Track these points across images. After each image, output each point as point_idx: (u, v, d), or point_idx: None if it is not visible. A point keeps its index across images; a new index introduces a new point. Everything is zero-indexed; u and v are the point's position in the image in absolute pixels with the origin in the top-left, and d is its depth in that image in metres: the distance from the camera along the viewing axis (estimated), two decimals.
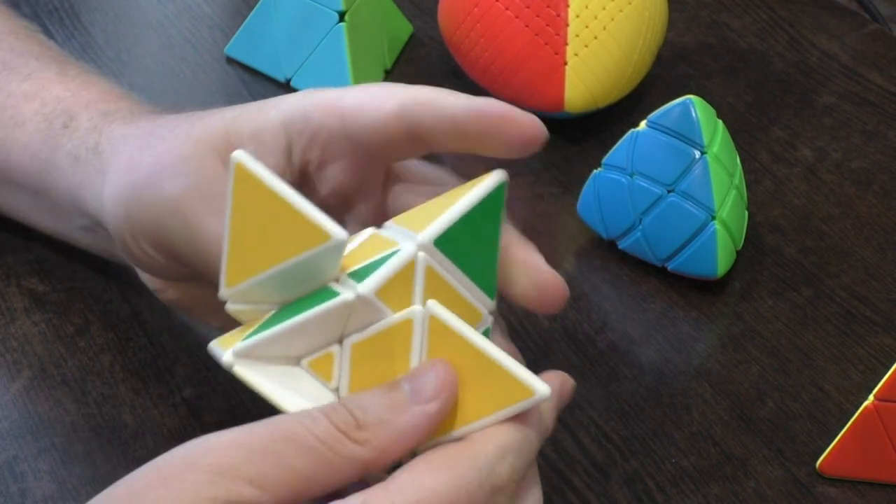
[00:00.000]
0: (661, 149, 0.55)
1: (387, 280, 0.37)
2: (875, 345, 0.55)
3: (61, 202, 0.50)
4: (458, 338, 0.37)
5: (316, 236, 0.35)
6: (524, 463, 0.37)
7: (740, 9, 0.74)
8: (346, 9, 0.63)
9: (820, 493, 0.49)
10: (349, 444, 0.35)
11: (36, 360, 0.52)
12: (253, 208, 0.36)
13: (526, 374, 0.36)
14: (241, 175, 0.37)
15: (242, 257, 0.37)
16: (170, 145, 0.44)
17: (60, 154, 0.49)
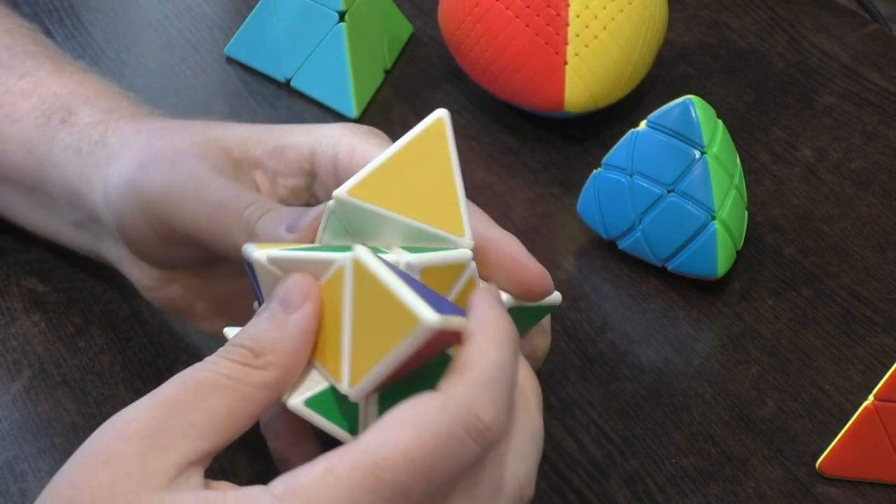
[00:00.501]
0: (661, 149, 0.55)
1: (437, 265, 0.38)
2: (875, 345, 0.55)
3: (56, 196, 0.50)
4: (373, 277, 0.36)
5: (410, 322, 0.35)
6: (505, 395, 0.36)
7: (740, 9, 0.74)
8: (346, 9, 0.63)
9: (820, 493, 0.49)
10: (254, 371, 0.36)
11: (36, 360, 0.52)
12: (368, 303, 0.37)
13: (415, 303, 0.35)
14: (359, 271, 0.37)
15: (363, 352, 0.37)
16: (183, 137, 0.45)
17: (58, 148, 0.49)
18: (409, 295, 0.35)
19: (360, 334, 0.37)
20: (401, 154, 0.39)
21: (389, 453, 0.34)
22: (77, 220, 0.50)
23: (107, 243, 0.50)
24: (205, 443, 0.35)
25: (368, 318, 0.36)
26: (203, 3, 0.72)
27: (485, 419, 0.35)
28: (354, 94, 0.64)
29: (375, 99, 0.67)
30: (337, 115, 0.65)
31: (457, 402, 0.35)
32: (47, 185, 0.50)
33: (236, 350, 0.37)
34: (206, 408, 0.35)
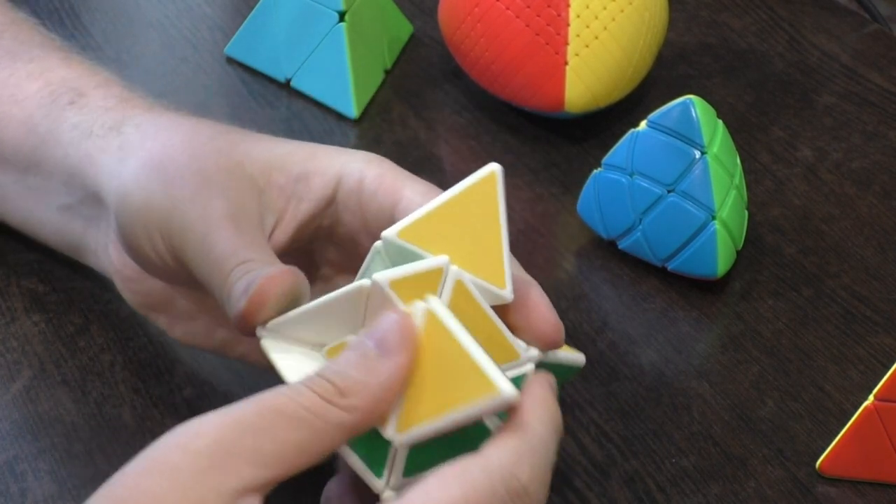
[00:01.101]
0: (662, 149, 0.55)
1: (405, 276, 0.38)
2: (875, 345, 0.55)
3: (51, 176, 0.49)
4: (446, 333, 0.37)
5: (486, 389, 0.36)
6: (544, 464, 0.37)
7: (740, 9, 0.74)
8: (346, 9, 0.63)
9: (820, 493, 0.49)
10: (336, 410, 0.36)
11: (36, 360, 0.52)
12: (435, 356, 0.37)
13: (496, 374, 0.36)
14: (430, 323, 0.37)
15: (419, 402, 0.37)
16: (209, 153, 0.44)
17: (65, 126, 0.49)
18: (487, 362, 0.36)
19: (421, 385, 0.37)
20: (451, 202, 0.40)
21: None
22: (67, 204, 0.49)
23: (96, 227, 0.49)
24: (268, 472, 0.34)
25: (434, 372, 0.37)
26: (203, 3, 0.72)
27: (524, 482, 0.36)
28: (354, 94, 0.64)
29: (375, 99, 0.67)
30: (337, 115, 0.65)
31: (500, 462, 0.36)
32: (45, 164, 0.49)
33: (322, 383, 0.36)
34: (277, 437, 0.35)
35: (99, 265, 0.50)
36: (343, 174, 0.45)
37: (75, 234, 0.50)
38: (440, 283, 0.39)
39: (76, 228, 0.50)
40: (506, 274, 0.40)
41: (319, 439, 0.35)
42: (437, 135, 0.65)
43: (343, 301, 0.39)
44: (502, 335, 0.40)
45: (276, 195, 0.45)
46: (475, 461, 0.36)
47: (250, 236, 0.42)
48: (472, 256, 0.40)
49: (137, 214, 0.44)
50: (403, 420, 0.37)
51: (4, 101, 0.51)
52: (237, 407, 0.35)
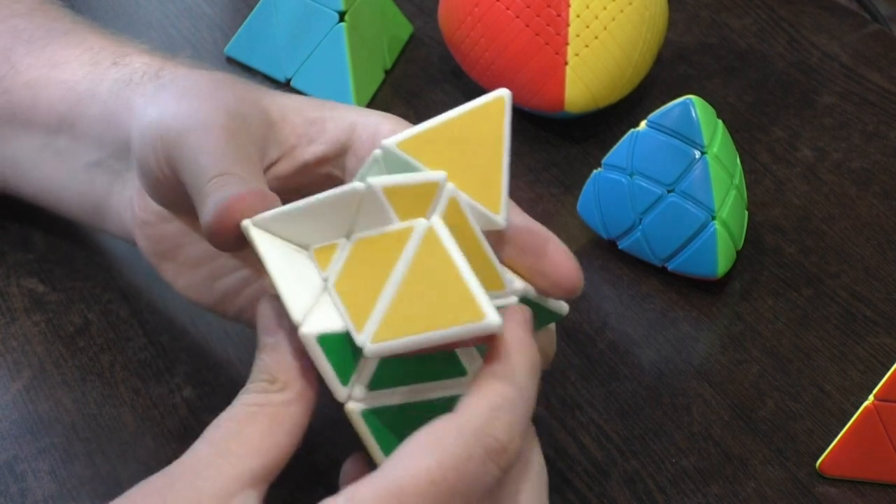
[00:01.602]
0: (661, 149, 0.55)
1: (399, 185, 0.38)
2: (875, 345, 0.55)
3: (85, 131, 0.50)
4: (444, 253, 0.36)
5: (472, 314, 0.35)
6: (521, 417, 0.37)
7: (740, 9, 0.74)
8: (346, 9, 0.63)
9: (820, 493, 0.49)
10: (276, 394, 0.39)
11: (36, 360, 0.52)
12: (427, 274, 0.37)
13: (485, 301, 0.35)
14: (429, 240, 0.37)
15: (400, 316, 0.37)
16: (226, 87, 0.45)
17: (105, 84, 0.49)
18: (478, 287, 0.35)
19: (406, 300, 0.37)
20: (456, 121, 0.40)
21: (412, 479, 0.35)
22: (97, 159, 0.50)
23: (122, 182, 0.49)
24: (251, 464, 0.37)
25: (423, 289, 0.36)
26: (203, 3, 0.72)
27: (501, 440, 0.36)
28: (354, 94, 0.64)
29: (375, 99, 0.67)
30: None
31: (473, 424, 0.36)
32: (80, 122, 0.50)
33: (256, 384, 0.39)
34: (244, 436, 0.38)
35: (119, 223, 0.50)
36: (358, 125, 0.46)
37: (98, 193, 0.50)
38: (434, 198, 0.38)
39: (101, 186, 0.50)
40: (502, 200, 0.40)
41: (279, 421, 0.38)
42: None
43: (334, 202, 0.39)
44: (490, 262, 0.39)
45: (288, 132, 0.46)
46: (449, 423, 0.36)
47: (243, 153, 0.43)
48: (470, 177, 0.40)
49: (149, 127, 0.45)
50: (380, 331, 0.37)
51: (42, 66, 0.51)
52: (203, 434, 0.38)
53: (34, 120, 0.51)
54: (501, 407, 0.36)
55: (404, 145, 0.39)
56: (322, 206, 0.39)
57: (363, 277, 0.38)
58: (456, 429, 0.36)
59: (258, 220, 0.40)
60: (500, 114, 0.40)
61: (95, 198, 0.51)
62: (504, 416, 0.36)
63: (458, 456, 0.35)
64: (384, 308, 0.37)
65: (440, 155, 0.39)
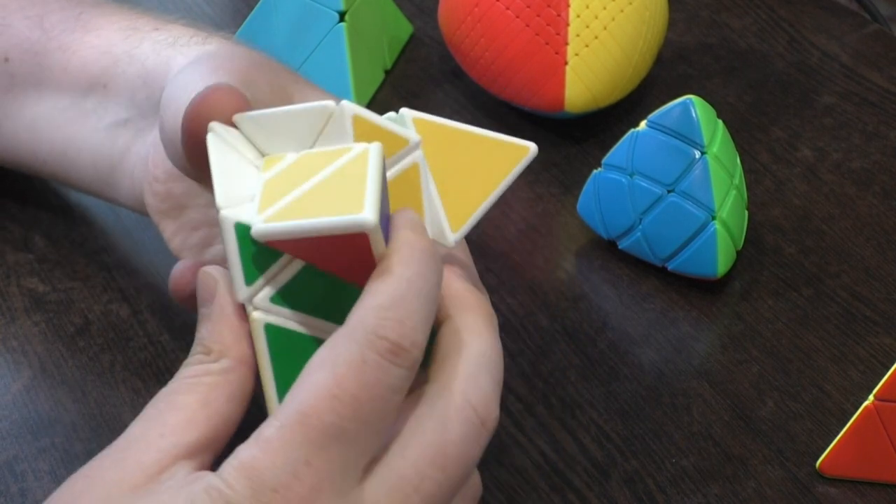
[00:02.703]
0: (661, 149, 0.55)
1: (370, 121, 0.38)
2: (875, 345, 0.55)
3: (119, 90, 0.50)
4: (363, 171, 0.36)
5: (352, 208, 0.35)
6: (413, 312, 0.35)
7: (740, 9, 0.74)
8: (346, 9, 0.63)
9: (820, 493, 0.49)
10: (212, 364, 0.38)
11: (36, 360, 0.52)
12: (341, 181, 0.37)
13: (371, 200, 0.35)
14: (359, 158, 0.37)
15: (297, 208, 0.37)
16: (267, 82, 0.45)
17: (145, 45, 0.50)
18: (374, 189, 0.35)
19: (311, 196, 0.37)
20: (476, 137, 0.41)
21: (310, 398, 0.34)
22: (123, 119, 0.50)
23: (143, 140, 0.49)
24: (186, 436, 0.36)
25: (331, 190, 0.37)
26: (203, 3, 0.72)
27: (393, 338, 0.34)
28: (354, 94, 0.64)
29: (375, 99, 0.67)
30: None
31: (363, 327, 0.35)
32: (114, 82, 0.50)
33: (193, 357, 0.39)
34: (178, 407, 0.37)
35: (130, 186, 0.50)
36: None
37: (116, 152, 0.51)
38: (398, 153, 0.39)
39: (121, 144, 0.50)
40: (465, 224, 0.40)
41: (215, 389, 0.37)
42: None
43: (303, 114, 0.39)
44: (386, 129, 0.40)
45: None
46: (338, 333, 0.35)
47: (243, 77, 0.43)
48: (452, 189, 0.40)
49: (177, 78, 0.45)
50: (273, 216, 0.37)
51: (77, 31, 0.51)
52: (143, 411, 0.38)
53: (64, 82, 0.51)
54: (388, 306, 0.35)
55: (419, 123, 0.40)
56: (291, 116, 0.39)
57: (289, 180, 0.38)
58: (345, 337, 0.35)
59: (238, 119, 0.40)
60: (516, 158, 0.40)
61: (112, 158, 0.51)
62: (393, 313, 0.35)
63: (352, 362, 0.34)
64: (288, 200, 0.37)
65: (442, 153, 0.40)
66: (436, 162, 0.40)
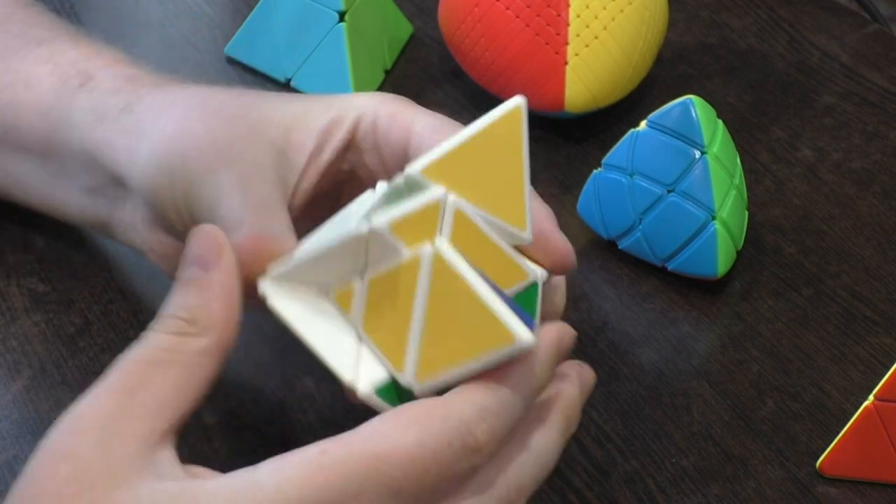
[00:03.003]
0: (661, 149, 0.55)
1: (402, 217, 0.37)
2: (875, 345, 0.55)
3: (70, 161, 0.49)
4: (457, 277, 0.36)
5: (503, 338, 0.35)
6: (504, 425, 0.37)
7: (740, 9, 0.74)
8: (346, 9, 0.63)
9: (820, 493, 0.49)
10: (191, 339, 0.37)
11: (36, 360, 0.52)
12: (447, 302, 0.37)
13: (511, 320, 0.35)
14: (439, 267, 0.37)
15: (435, 350, 0.37)
16: (223, 121, 0.44)
17: (77, 112, 0.49)
18: (502, 308, 0.35)
19: (436, 332, 0.37)
20: (476, 138, 0.39)
21: (391, 448, 0.35)
22: (92, 186, 0.49)
23: (123, 208, 0.49)
24: (161, 421, 0.35)
25: (448, 318, 0.36)
26: (203, 3, 0.72)
27: (480, 440, 0.36)
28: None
29: None
30: None
31: (461, 417, 0.36)
32: (63, 149, 0.49)
33: (170, 321, 0.37)
34: (153, 386, 0.36)
35: (129, 242, 0.50)
36: (359, 118, 0.45)
37: (101, 214, 0.50)
38: (439, 216, 0.38)
39: (101, 209, 0.50)
40: (527, 215, 0.40)
41: (192, 371, 0.36)
42: None
43: (343, 248, 0.38)
44: (510, 258, 0.39)
45: (297, 153, 0.45)
46: (437, 407, 0.36)
47: (258, 199, 0.42)
48: (494, 195, 0.39)
49: (163, 195, 0.44)
50: (423, 368, 0.37)
51: (18, 87, 0.51)
52: (108, 375, 0.36)
53: (21, 143, 0.51)
54: (492, 412, 0.36)
55: (428, 172, 0.38)
56: (331, 254, 0.38)
57: (388, 317, 0.38)
58: (442, 415, 0.36)
59: (273, 277, 0.39)
60: (517, 124, 0.40)
61: (98, 217, 0.50)
62: (491, 419, 0.36)
63: (440, 441, 0.35)
64: (416, 345, 0.37)
65: (463, 176, 0.39)
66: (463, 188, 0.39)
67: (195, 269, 0.38)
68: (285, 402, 0.51)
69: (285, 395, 0.51)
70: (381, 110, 0.45)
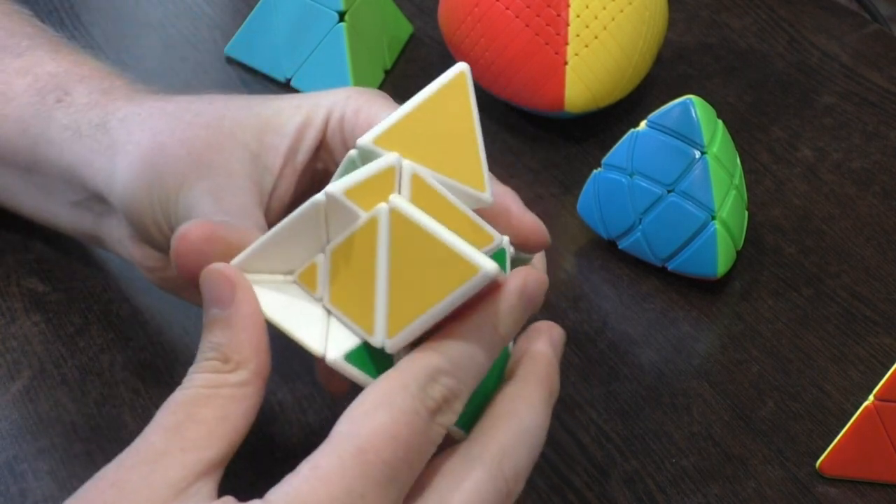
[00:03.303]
0: (661, 149, 0.55)
1: (358, 183, 0.37)
2: (875, 345, 0.55)
3: (52, 176, 0.49)
4: (415, 226, 0.36)
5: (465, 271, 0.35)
6: (464, 378, 0.37)
7: (740, 9, 0.74)
8: (346, 9, 0.64)
9: (820, 493, 0.49)
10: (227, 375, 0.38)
11: (36, 360, 0.52)
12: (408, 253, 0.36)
13: (472, 252, 0.35)
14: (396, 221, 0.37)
15: (402, 303, 0.37)
16: (197, 132, 0.45)
17: (54, 127, 0.49)
18: (459, 242, 0.35)
19: (401, 286, 0.37)
20: (424, 106, 0.39)
21: (370, 435, 0.35)
22: (75, 200, 0.50)
23: (108, 223, 0.49)
24: (207, 452, 0.36)
25: (411, 268, 0.36)
26: (203, 3, 0.72)
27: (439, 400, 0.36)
28: None
29: None
30: None
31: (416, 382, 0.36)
32: (44, 165, 0.49)
33: (205, 363, 0.38)
34: (198, 421, 0.36)
35: (119, 253, 0.50)
36: (328, 116, 0.45)
37: (88, 227, 0.51)
38: (395, 181, 0.38)
39: (88, 222, 0.50)
40: (484, 177, 0.40)
41: (235, 404, 0.37)
42: None
43: (300, 222, 0.38)
44: (473, 221, 0.39)
45: (272, 156, 0.45)
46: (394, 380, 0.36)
47: (231, 207, 0.43)
48: (450, 159, 0.39)
49: (143, 210, 0.45)
50: (392, 324, 0.37)
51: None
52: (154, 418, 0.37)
53: (5, 156, 0.51)
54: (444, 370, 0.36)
55: (380, 141, 0.38)
56: (291, 229, 0.38)
57: (352, 283, 0.38)
58: (401, 386, 0.36)
59: (237, 264, 0.39)
60: (463, 89, 0.40)
61: (87, 229, 0.51)
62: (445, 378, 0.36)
63: (407, 411, 0.36)
64: (384, 303, 0.37)
65: (416, 143, 0.39)
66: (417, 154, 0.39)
67: (215, 310, 0.39)
68: (285, 402, 0.51)
69: (285, 395, 0.51)
70: (347, 107, 0.45)
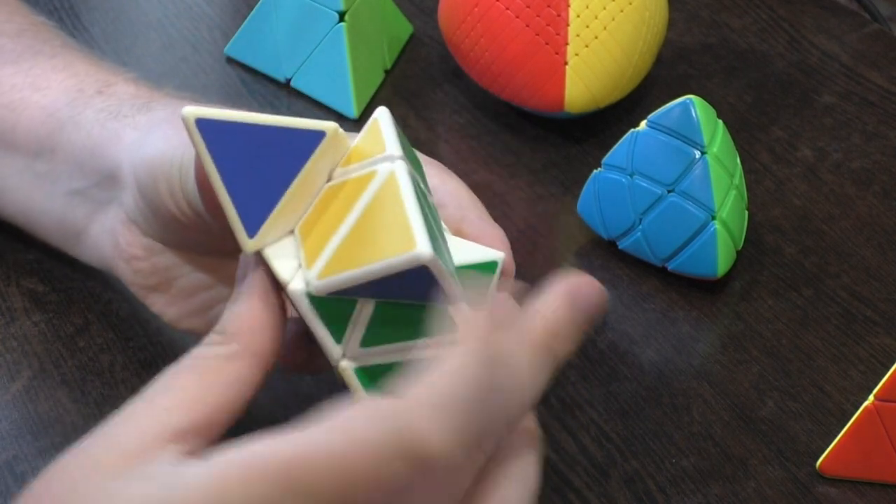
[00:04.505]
0: (661, 149, 0.55)
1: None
2: (875, 345, 0.55)
3: (66, 160, 0.49)
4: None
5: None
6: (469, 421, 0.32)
7: (740, 9, 0.74)
8: (346, 9, 0.63)
9: (820, 493, 0.49)
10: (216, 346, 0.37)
11: (36, 360, 0.52)
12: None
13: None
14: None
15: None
16: None
17: (89, 112, 0.49)
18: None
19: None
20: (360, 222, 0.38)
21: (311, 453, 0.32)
22: (77, 188, 0.49)
23: (104, 212, 0.49)
24: (175, 418, 0.35)
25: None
26: (203, 3, 0.72)
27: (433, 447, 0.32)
28: (354, 94, 0.64)
29: (375, 99, 0.67)
30: (337, 115, 0.65)
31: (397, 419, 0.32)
32: (60, 148, 0.49)
33: (207, 338, 0.38)
34: (172, 388, 0.36)
35: (98, 253, 0.50)
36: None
37: (78, 221, 0.50)
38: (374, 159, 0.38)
39: (81, 214, 0.50)
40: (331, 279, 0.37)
41: (216, 375, 0.37)
42: (438, 135, 0.65)
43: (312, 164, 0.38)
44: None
45: None
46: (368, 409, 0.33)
47: None
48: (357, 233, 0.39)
49: (159, 165, 0.44)
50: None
51: (25, 89, 0.51)
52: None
53: (15, 142, 0.51)
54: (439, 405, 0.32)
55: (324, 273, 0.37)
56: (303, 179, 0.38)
57: (323, 220, 0.38)
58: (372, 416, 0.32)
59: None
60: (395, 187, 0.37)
61: (75, 225, 0.50)
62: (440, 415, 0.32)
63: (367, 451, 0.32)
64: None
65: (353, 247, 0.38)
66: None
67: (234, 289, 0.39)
68: (285, 402, 0.51)
69: (285, 395, 0.51)
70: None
